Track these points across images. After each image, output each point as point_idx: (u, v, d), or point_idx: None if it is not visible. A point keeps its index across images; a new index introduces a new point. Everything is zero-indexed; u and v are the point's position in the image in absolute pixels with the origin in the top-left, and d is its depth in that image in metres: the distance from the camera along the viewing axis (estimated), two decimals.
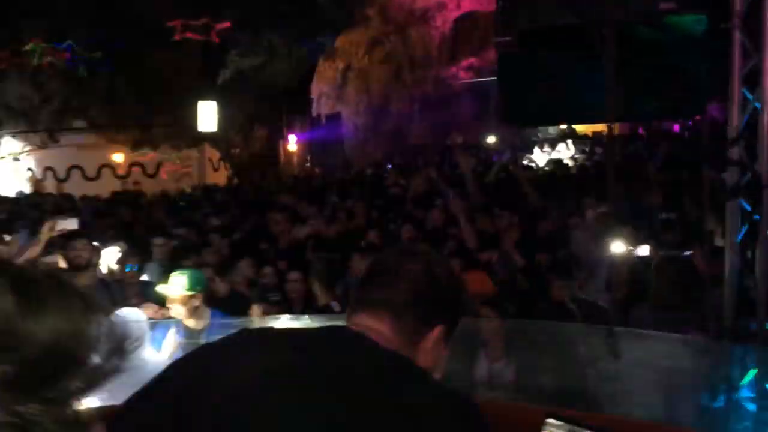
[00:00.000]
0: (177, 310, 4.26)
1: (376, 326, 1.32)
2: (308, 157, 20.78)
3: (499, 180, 9.26)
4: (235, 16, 16.02)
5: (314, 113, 22.37)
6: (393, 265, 1.39)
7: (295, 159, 20.83)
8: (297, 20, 16.81)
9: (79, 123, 17.00)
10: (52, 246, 5.40)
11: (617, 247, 5.05)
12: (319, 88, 23.51)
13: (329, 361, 1.24)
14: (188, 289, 4.24)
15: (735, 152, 4.13)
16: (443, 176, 10.78)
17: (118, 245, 5.82)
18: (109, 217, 9.30)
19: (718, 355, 3.75)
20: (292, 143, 20.65)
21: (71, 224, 5.39)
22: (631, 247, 5.50)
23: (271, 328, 1.46)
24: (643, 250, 5.62)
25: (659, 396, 3.36)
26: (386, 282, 1.35)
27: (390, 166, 17.74)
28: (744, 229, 4.15)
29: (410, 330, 1.33)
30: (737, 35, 4.04)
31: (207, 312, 4.37)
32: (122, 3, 14.83)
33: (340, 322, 1.40)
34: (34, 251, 5.18)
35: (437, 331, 1.34)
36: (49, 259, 5.20)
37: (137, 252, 5.87)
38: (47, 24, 14.90)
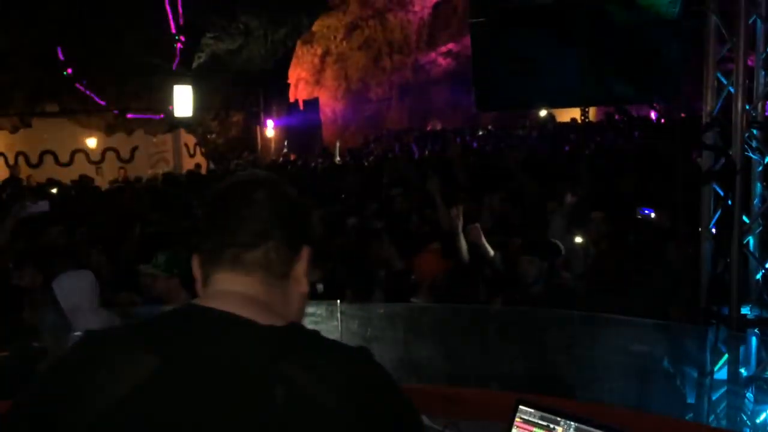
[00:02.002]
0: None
1: (240, 286, 1.23)
2: (285, 143, 20.60)
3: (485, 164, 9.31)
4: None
5: (291, 99, 22.17)
6: (241, 195, 1.27)
7: (272, 145, 20.64)
8: (273, 3, 16.59)
9: (52, 107, 16.68)
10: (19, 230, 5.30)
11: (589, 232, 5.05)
12: (296, 73, 23.32)
13: (201, 365, 1.12)
14: (164, 271, 4.22)
15: (709, 137, 4.11)
16: (422, 160, 10.78)
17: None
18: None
19: (691, 341, 3.74)
20: (270, 129, 20.46)
21: (43, 207, 5.27)
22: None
23: (118, 328, 1.28)
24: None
25: (632, 382, 3.35)
26: (242, 216, 1.25)
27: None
28: (717, 214, 4.15)
29: (282, 261, 1.26)
30: (712, 18, 4.01)
31: (185, 296, 4.30)
32: None
33: (201, 301, 1.23)
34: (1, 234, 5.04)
35: (305, 254, 1.29)
36: None
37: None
38: (19, 5, 14.53)
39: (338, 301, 3.86)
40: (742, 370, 3.80)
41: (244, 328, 1.17)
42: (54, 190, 11.87)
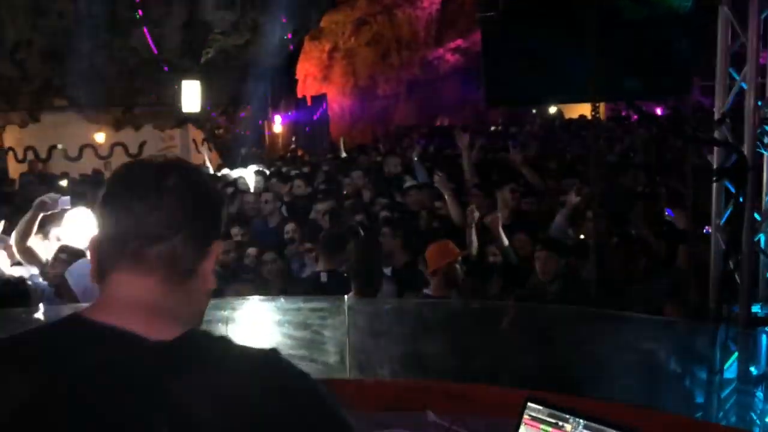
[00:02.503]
0: None
1: (137, 289, 1.11)
2: (293, 139, 20.59)
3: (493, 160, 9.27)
4: None
5: (299, 94, 22.16)
6: (151, 180, 1.14)
7: (280, 140, 20.64)
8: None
9: (60, 102, 16.73)
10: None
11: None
12: (304, 68, 23.29)
13: (78, 391, 1.02)
14: None
15: (720, 133, 4.08)
16: (429, 157, 10.74)
17: None
18: None
19: (701, 339, 3.71)
20: (278, 124, 20.46)
21: (65, 203, 5.26)
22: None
23: None
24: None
25: (640, 379, 3.32)
26: (150, 204, 1.12)
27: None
28: (728, 211, 4.11)
29: (189, 256, 1.14)
30: (724, 13, 3.97)
31: None
32: None
33: (82, 315, 1.12)
34: (28, 227, 5.03)
35: (215, 248, 1.19)
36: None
37: None
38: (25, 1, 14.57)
39: (345, 296, 3.85)
40: (752, 369, 3.77)
41: (128, 347, 1.06)
42: (64, 183, 11.92)
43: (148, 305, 1.11)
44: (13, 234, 5.06)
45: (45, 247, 5.26)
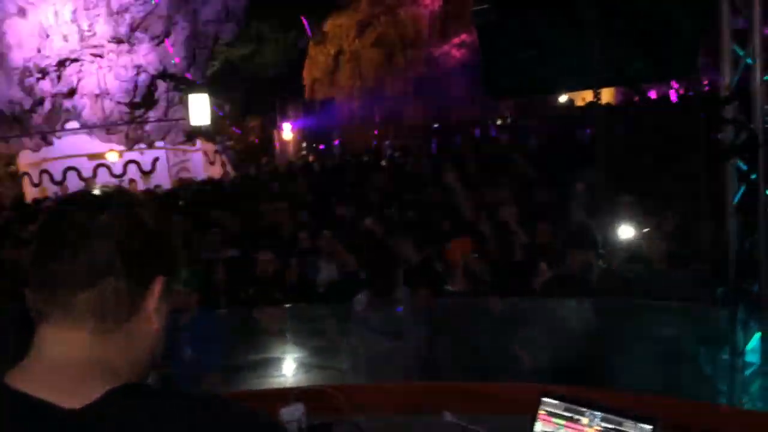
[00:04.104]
0: None
1: (61, 345, 1.04)
2: (303, 144, 20.66)
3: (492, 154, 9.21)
4: (221, 6, 15.84)
5: (307, 100, 22.22)
6: (80, 219, 1.06)
7: (290, 147, 20.71)
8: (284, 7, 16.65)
9: (71, 123, 16.90)
10: None
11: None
12: (311, 74, 23.35)
13: None
14: (185, 285, 4.23)
15: (729, 111, 4.01)
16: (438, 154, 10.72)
17: None
18: None
19: (720, 321, 3.65)
20: (287, 131, 20.53)
21: None
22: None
23: None
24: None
25: (660, 366, 3.27)
26: (78, 246, 1.04)
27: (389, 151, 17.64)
28: (741, 190, 4.04)
29: (121, 302, 1.05)
30: None
31: (193, 314, 4.30)
32: None
33: None
34: None
35: (158, 286, 1.09)
36: None
37: None
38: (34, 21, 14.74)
39: (355, 299, 3.84)
40: None
41: (31, 420, 0.97)
42: None
43: (72, 363, 1.03)
44: None
45: None
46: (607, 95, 21.06)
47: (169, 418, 1.00)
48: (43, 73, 15.61)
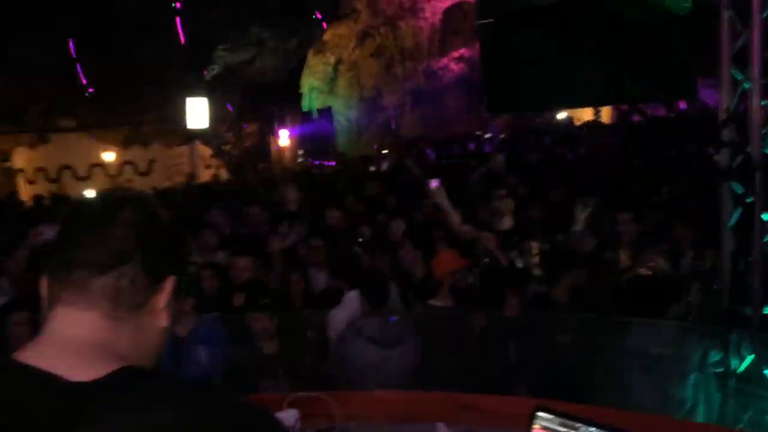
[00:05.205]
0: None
1: (74, 326, 1.07)
2: (300, 152, 20.67)
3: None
4: (223, 11, 15.89)
5: (304, 108, 22.25)
6: (104, 211, 1.12)
7: (287, 154, 20.72)
8: (285, 15, 16.70)
9: (68, 122, 16.87)
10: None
11: None
12: (309, 82, 23.40)
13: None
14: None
15: (726, 133, 4.05)
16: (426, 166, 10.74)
17: None
18: None
19: (714, 342, 3.67)
20: (284, 138, 20.54)
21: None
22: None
23: None
24: None
25: (653, 385, 3.28)
26: (100, 233, 1.09)
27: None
28: (737, 213, 4.08)
29: (136, 291, 1.10)
30: (725, 13, 3.95)
31: (193, 318, 4.28)
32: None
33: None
34: (19, 261, 5.00)
35: (169, 284, 1.15)
36: None
37: None
38: (33, 21, 14.72)
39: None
40: (766, 372, 3.72)
41: (41, 389, 1.00)
42: None
43: (83, 343, 1.06)
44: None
45: None
46: (605, 113, 21.22)
47: (175, 397, 1.02)
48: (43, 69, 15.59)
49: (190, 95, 16.24)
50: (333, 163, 18.30)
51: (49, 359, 1.03)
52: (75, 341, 1.06)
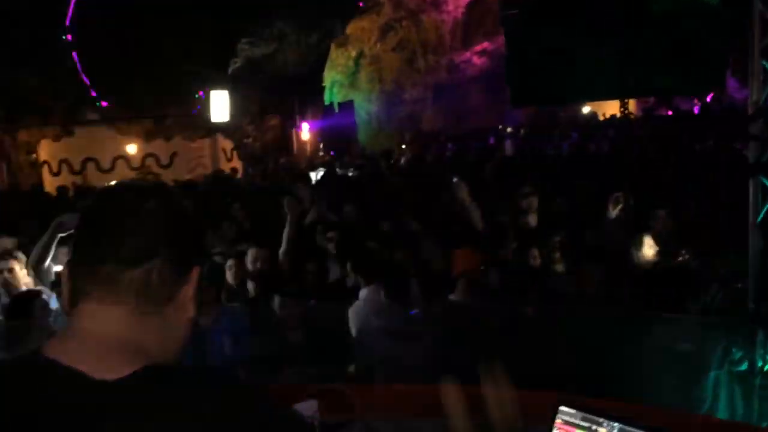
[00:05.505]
0: None
1: (102, 323, 1.06)
2: (321, 146, 20.70)
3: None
4: (245, 4, 15.92)
5: (326, 101, 22.26)
6: (129, 203, 1.10)
7: (308, 147, 20.76)
8: (307, 8, 16.69)
9: (92, 115, 17.05)
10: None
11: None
12: (331, 76, 23.40)
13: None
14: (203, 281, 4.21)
15: (755, 127, 3.97)
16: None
17: None
18: None
19: (740, 339, 3.61)
20: (305, 132, 20.58)
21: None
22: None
23: None
24: None
25: (678, 381, 3.24)
26: (127, 227, 1.07)
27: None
28: (766, 208, 4.00)
29: (164, 284, 1.09)
30: (758, 5, 3.87)
31: (217, 308, 4.29)
32: None
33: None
34: (45, 250, 5.03)
35: (194, 274, 1.15)
36: None
37: None
38: (57, 14, 14.88)
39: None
40: None
41: (67, 388, 0.99)
42: None
43: (110, 340, 1.05)
44: (31, 256, 4.98)
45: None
46: (631, 106, 20.96)
47: (199, 397, 1.01)
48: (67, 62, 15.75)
49: (212, 88, 16.32)
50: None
51: (76, 356, 1.02)
52: (102, 339, 1.05)
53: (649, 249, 5.03)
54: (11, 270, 4.89)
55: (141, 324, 1.08)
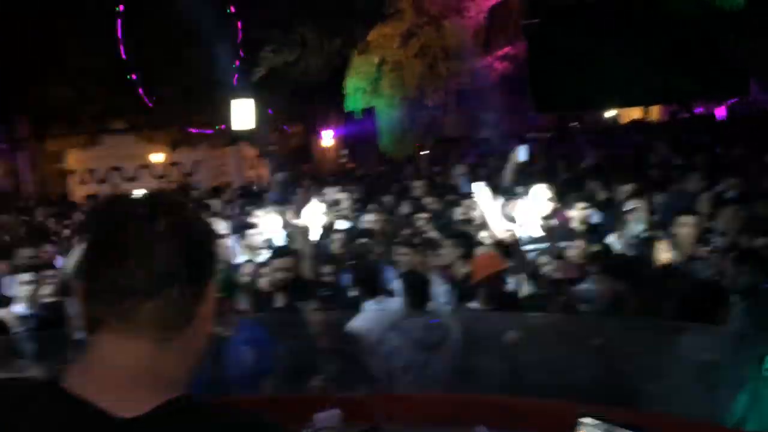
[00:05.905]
0: None
1: (122, 355, 1.04)
2: (343, 152, 20.76)
3: None
4: (268, 12, 16.05)
5: (348, 108, 22.32)
6: (138, 225, 1.05)
7: (331, 154, 20.84)
8: (329, 15, 16.76)
9: (118, 124, 17.29)
10: None
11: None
12: (353, 82, 23.46)
13: None
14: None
15: None
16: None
17: None
18: None
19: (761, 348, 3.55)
20: (328, 139, 20.66)
21: None
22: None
23: None
24: None
25: (703, 392, 3.20)
26: (140, 254, 1.03)
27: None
28: None
29: (183, 310, 1.06)
30: None
31: (234, 318, 4.33)
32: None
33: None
34: None
35: (210, 289, 1.12)
36: None
37: None
38: (84, 25, 15.11)
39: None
40: None
41: (89, 427, 0.99)
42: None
43: (130, 373, 1.04)
44: None
45: None
46: (654, 111, 20.71)
47: None
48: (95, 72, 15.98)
49: (235, 97, 16.45)
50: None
51: (96, 388, 1.02)
52: (122, 372, 1.04)
53: (664, 254, 5.00)
54: (39, 282, 5.01)
55: (161, 351, 1.07)
